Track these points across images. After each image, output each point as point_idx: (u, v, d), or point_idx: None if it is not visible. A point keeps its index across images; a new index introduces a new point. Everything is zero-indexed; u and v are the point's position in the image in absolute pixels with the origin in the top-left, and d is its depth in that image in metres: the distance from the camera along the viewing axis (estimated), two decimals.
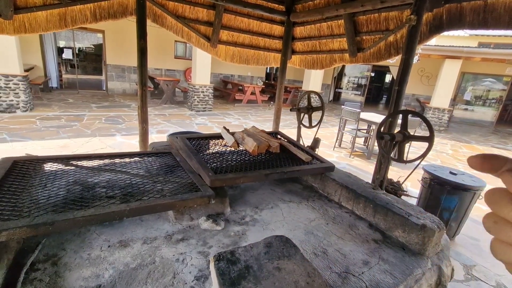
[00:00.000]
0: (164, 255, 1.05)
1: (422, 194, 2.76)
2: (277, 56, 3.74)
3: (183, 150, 1.66)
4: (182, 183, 1.32)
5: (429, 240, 1.21)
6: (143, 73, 2.52)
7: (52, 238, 1.07)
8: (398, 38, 2.64)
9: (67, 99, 7.90)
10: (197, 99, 8.19)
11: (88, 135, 4.96)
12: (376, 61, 2.96)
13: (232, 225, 1.31)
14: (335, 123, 8.62)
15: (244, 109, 9.57)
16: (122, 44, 9.36)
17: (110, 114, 6.76)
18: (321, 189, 1.77)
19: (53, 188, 1.15)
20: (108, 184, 1.27)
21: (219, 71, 12.13)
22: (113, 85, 9.81)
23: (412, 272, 1.11)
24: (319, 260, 1.11)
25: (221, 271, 0.81)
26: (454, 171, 2.62)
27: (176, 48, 10.73)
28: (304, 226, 1.36)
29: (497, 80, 12.07)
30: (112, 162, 1.52)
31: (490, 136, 9.61)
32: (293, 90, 11.53)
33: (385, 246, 1.27)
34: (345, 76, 17.26)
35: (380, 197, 1.47)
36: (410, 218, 1.28)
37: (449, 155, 6.51)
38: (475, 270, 2.37)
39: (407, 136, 1.55)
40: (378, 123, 5.13)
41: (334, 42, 3.22)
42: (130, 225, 1.21)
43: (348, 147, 6.04)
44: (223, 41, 3.30)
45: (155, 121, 6.46)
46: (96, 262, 0.97)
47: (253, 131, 2.01)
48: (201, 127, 6.57)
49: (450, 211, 2.54)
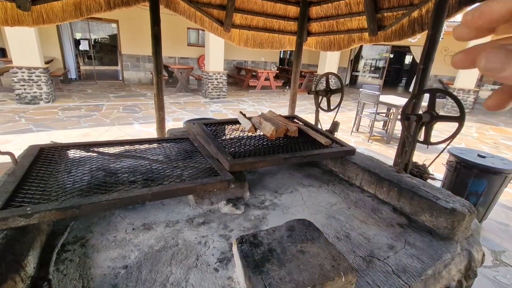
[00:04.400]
0: (187, 238, 1.06)
1: (447, 178, 2.65)
2: (292, 39, 3.62)
3: (200, 136, 1.66)
4: (201, 168, 1.32)
5: (459, 225, 1.15)
6: (158, 60, 2.51)
7: (79, 221, 1.11)
8: (423, 13, 2.47)
9: (86, 90, 8.12)
10: (211, 87, 8.18)
11: (107, 124, 5.10)
12: (398, 39, 2.79)
13: (252, 209, 1.30)
14: (351, 107, 8.38)
15: (258, 96, 9.47)
16: (136, 34, 9.41)
17: (127, 103, 6.89)
18: (341, 173, 1.73)
19: (77, 174, 1.18)
20: (129, 169, 1.29)
21: (232, 57, 11.99)
22: (129, 75, 9.97)
23: (440, 257, 1.07)
24: (342, 244, 1.09)
25: (244, 253, 0.81)
26: (483, 154, 2.48)
27: (188, 36, 10.67)
28: (325, 210, 1.33)
29: None
30: (132, 149, 1.54)
31: None
32: (308, 75, 11.24)
33: (411, 230, 1.22)
34: (362, 59, 16.60)
35: (405, 180, 1.41)
36: (439, 202, 1.22)
37: (475, 138, 6.19)
38: (504, 256, 2.28)
39: (435, 116, 1.46)
40: (398, 106, 4.93)
41: (353, 21, 3.06)
42: (152, 209, 1.23)
43: (366, 131, 5.87)
44: (237, 25, 3.22)
45: (170, 109, 6.53)
46: (121, 244, 1.00)
47: (270, 115, 1.97)
48: (216, 114, 6.59)
49: (477, 195, 2.42)
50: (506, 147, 5.64)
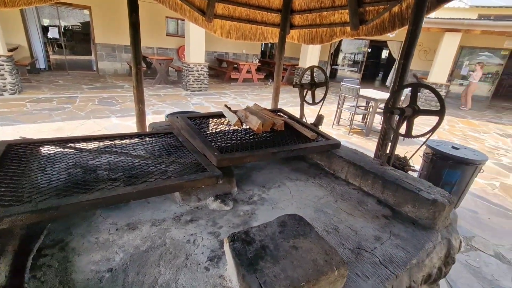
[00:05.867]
0: (174, 236, 1.03)
1: (424, 169, 2.78)
2: (275, 31, 3.58)
3: (185, 130, 1.60)
4: (187, 163, 1.28)
5: (439, 215, 1.20)
6: (137, 50, 2.39)
7: (57, 223, 1.04)
8: (403, 8, 2.51)
9: (57, 81, 7.62)
10: (192, 79, 7.97)
11: (82, 118, 4.83)
12: (379, 34, 2.84)
13: (240, 205, 1.28)
14: (332, 101, 8.53)
15: (240, 88, 9.38)
16: (110, 21, 8.91)
17: (103, 95, 6.56)
18: (327, 167, 1.75)
19: (53, 172, 1.10)
20: (110, 166, 1.22)
21: (213, 49, 11.73)
22: (104, 65, 9.46)
23: (423, 246, 1.11)
24: (331, 237, 1.11)
25: (237, 251, 0.79)
26: (457, 146, 2.61)
27: (167, 25, 10.27)
28: (313, 204, 1.34)
29: (494, 54, 11.92)
30: (112, 144, 1.46)
31: (485, 111, 9.65)
32: (290, 68, 11.26)
33: (395, 221, 1.26)
34: (341, 53, 16.86)
35: (388, 173, 1.45)
36: (421, 193, 1.26)
37: (446, 130, 6.54)
38: (474, 241, 2.44)
39: (417, 110, 1.50)
40: (377, 99, 5.07)
41: (335, 15, 3.07)
42: (136, 207, 1.17)
43: (346, 124, 6.01)
44: (219, 15, 3.13)
45: (150, 101, 6.30)
46: (105, 245, 0.95)
47: (255, 109, 1.94)
48: (198, 107, 6.45)
49: (451, 185, 2.56)
50: (474, 139, 6.02)
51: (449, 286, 1.95)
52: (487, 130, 6.93)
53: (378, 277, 0.93)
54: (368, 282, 0.90)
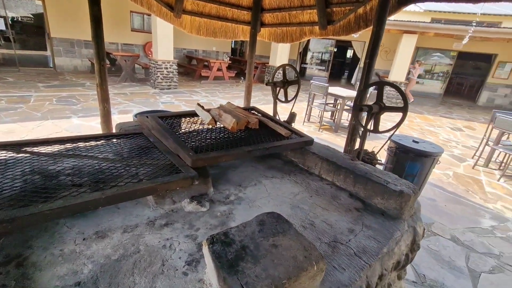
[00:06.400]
0: (149, 242, 0.98)
1: (389, 162, 2.96)
2: (246, 29, 3.57)
3: (156, 130, 1.53)
4: (159, 165, 1.22)
5: (406, 205, 1.29)
6: (100, 45, 2.23)
7: (12, 237, 0.93)
8: (367, 10, 2.64)
9: (6, 78, 6.90)
10: (161, 76, 7.68)
11: (38, 118, 4.43)
12: (346, 34, 2.95)
13: (217, 205, 1.26)
14: (302, 98, 8.73)
15: (211, 86, 9.23)
16: (68, 14, 8.25)
17: (62, 94, 6.07)
18: (301, 163, 1.78)
19: (5, 180, 0.99)
20: (74, 171, 1.13)
21: (182, 45, 11.40)
22: (61, 62, 8.75)
23: (392, 235, 1.18)
24: (308, 233, 1.13)
25: (216, 254, 0.77)
26: (417, 140, 2.82)
27: (132, 20, 9.77)
28: (289, 201, 1.36)
29: (444, 55, 13.03)
30: (76, 147, 1.35)
31: (439, 107, 10.53)
32: (260, 66, 11.33)
33: (366, 213, 1.33)
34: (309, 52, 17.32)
35: (359, 167, 1.52)
36: (389, 185, 1.34)
37: (406, 125, 7.02)
38: (434, 227, 2.65)
39: (383, 107, 1.59)
40: (344, 97, 5.29)
41: (304, 14, 3.13)
42: (105, 214, 1.10)
43: (316, 121, 6.20)
44: (188, 11, 3.04)
45: (115, 100, 5.96)
46: (71, 257, 0.87)
47: (229, 107, 1.92)
48: (168, 105, 6.23)
49: (413, 176, 2.76)
50: (430, 133, 6.55)
51: (414, 270, 2.10)
52: (440, 125, 7.58)
53: (354, 268, 0.97)
54: (344, 273, 0.94)
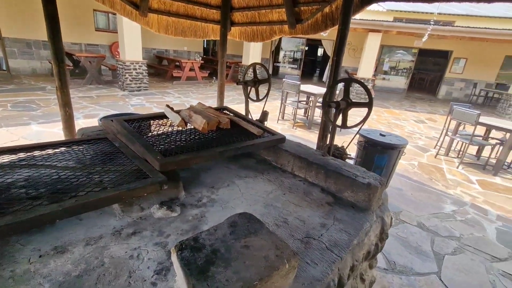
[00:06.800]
0: (114, 254, 0.93)
1: (359, 156, 3.08)
2: (216, 28, 3.53)
3: (122, 134, 1.46)
4: (125, 171, 1.17)
5: (373, 196, 1.34)
6: (57, 46, 2.08)
7: None
8: (333, 9, 2.71)
9: None
10: (129, 78, 7.36)
11: None
12: (314, 32, 3.02)
13: (189, 209, 1.23)
14: (276, 97, 8.83)
15: (184, 87, 9.03)
16: (21, 12, 7.63)
17: (19, 99, 5.61)
18: (274, 161, 1.79)
19: None
20: (28, 182, 1.04)
21: (152, 45, 11.02)
22: (17, 64, 8.08)
23: (362, 227, 1.22)
24: (281, 230, 1.14)
25: (185, 261, 0.75)
26: (383, 133, 2.95)
27: (96, 19, 9.26)
28: (263, 200, 1.36)
29: (407, 52, 13.84)
30: (30, 156, 1.25)
31: (403, 101, 11.16)
32: (233, 65, 11.27)
33: (337, 207, 1.36)
34: (282, 50, 17.56)
35: (329, 162, 1.56)
36: (357, 178, 1.39)
37: (374, 119, 7.36)
38: (402, 215, 2.80)
39: (350, 103, 1.64)
40: (316, 94, 5.42)
41: (274, 13, 3.16)
42: (65, 227, 1.02)
43: (290, 119, 6.29)
44: (155, 9, 2.94)
45: (80, 104, 5.62)
46: (24, 278, 0.80)
47: (200, 107, 1.88)
48: (138, 108, 5.99)
49: (381, 168, 2.89)
50: (396, 126, 6.92)
51: (384, 258, 2.21)
52: (405, 118, 8.04)
53: (326, 262, 0.99)
54: (317, 268, 0.95)
